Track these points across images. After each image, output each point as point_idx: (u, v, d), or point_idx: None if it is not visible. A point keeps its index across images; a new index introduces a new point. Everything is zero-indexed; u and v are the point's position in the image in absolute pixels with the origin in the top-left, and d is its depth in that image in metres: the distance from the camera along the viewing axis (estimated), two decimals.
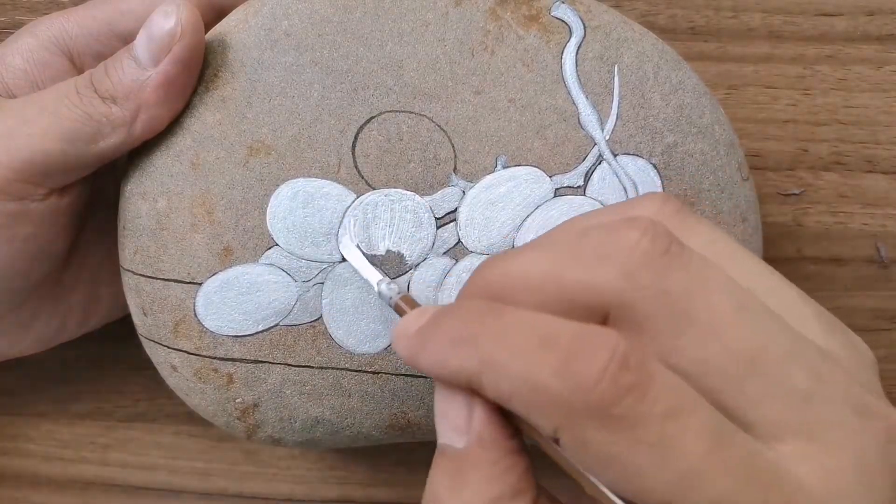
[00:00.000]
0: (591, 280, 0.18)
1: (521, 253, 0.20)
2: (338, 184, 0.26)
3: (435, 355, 0.19)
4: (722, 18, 0.36)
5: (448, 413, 0.20)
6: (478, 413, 0.19)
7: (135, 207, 0.27)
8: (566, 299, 0.19)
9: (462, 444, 0.19)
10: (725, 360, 0.17)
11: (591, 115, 0.27)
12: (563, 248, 0.20)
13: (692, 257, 0.18)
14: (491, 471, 0.19)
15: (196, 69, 0.26)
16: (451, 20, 0.27)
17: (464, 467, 0.19)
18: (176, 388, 0.28)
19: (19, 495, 0.36)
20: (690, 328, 0.18)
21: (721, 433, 0.17)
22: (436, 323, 0.20)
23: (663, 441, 0.16)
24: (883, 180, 0.36)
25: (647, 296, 0.18)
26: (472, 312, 0.19)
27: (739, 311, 0.18)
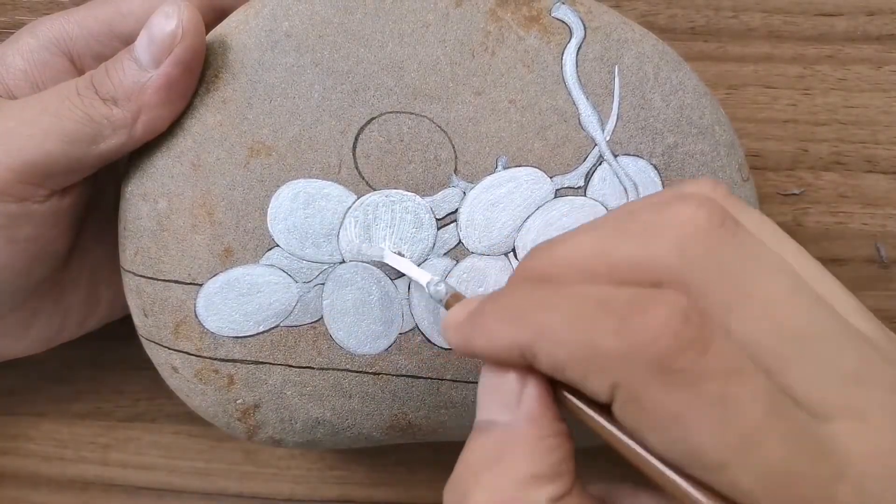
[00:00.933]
0: (643, 254, 0.18)
1: (567, 236, 0.20)
2: (338, 185, 0.26)
3: (488, 334, 0.19)
4: (722, 18, 0.36)
5: (497, 388, 0.19)
6: (530, 389, 0.19)
7: (135, 208, 0.27)
8: (617, 277, 0.18)
9: (508, 419, 0.19)
10: (778, 338, 0.17)
11: (592, 116, 0.27)
12: (610, 227, 0.19)
13: (746, 234, 0.18)
14: (535, 448, 0.18)
15: (197, 70, 0.26)
16: (452, 21, 0.27)
17: (507, 442, 0.19)
18: (177, 389, 0.28)
19: (19, 495, 0.36)
20: (745, 304, 0.17)
21: (777, 401, 0.16)
22: (487, 304, 0.20)
23: (724, 399, 0.16)
24: (883, 180, 0.36)
25: (701, 269, 0.17)
26: (522, 290, 0.19)
27: (792, 291, 0.18)
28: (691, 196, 0.19)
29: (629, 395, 0.17)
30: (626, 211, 0.20)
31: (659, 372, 0.16)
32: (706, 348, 0.16)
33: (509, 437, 0.19)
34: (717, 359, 0.16)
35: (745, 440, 0.16)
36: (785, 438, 0.16)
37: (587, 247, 0.19)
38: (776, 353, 0.17)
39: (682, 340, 0.16)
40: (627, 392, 0.17)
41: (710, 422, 0.16)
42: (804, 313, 0.17)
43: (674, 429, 0.16)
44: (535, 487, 0.18)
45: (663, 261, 0.18)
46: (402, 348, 0.27)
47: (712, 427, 0.16)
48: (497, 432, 0.19)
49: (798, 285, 0.18)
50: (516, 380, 0.19)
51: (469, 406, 0.27)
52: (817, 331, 0.17)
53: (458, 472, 0.19)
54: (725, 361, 0.16)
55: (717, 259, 0.18)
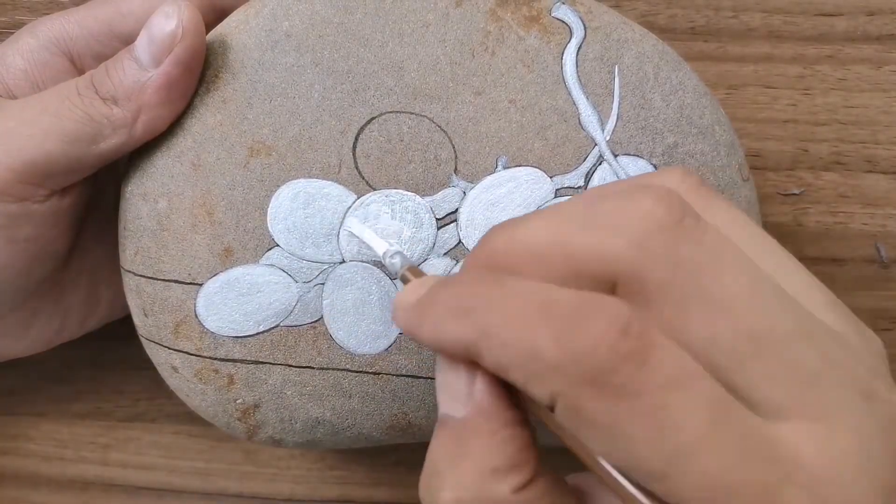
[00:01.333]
0: (599, 247, 0.18)
1: (528, 219, 0.19)
2: (338, 184, 0.26)
3: (433, 326, 0.19)
4: (722, 18, 0.36)
5: (449, 383, 0.19)
6: (479, 383, 0.19)
7: (135, 208, 0.27)
8: (572, 268, 0.18)
9: (462, 414, 0.19)
10: (734, 337, 0.17)
11: (592, 116, 0.27)
12: (571, 215, 0.19)
13: (707, 230, 0.18)
14: (490, 441, 0.18)
15: (197, 70, 0.26)
16: (452, 21, 0.27)
17: (463, 437, 0.19)
18: (176, 389, 0.28)
19: (19, 495, 0.36)
20: (700, 303, 0.17)
21: (721, 407, 0.16)
22: (435, 294, 0.19)
23: (660, 411, 0.16)
24: (883, 180, 0.36)
25: (658, 266, 0.17)
26: (470, 282, 0.19)
27: (751, 289, 0.17)
28: (653, 189, 0.18)
29: (568, 405, 0.17)
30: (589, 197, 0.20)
31: (595, 385, 0.16)
32: (644, 361, 0.16)
33: (463, 432, 0.19)
34: (656, 370, 0.16)
35: (683, 450, 0.16)
36: (729, 445, 0.16)
37: (546, 233, 0.19)
38: (731, 353, 0.17)
39: (620, 354, 0.16)
40: (566, 402, 0.17)
41: (648, 433, 0.16)
42: (761, 311, 0.17)
43: (612, 439, 0.16)
44: (496, 480, 0.18)
45: (619, 255, 0.18)
46: (402, 348, 0.27)
47: (650, 439, 0.16)
48: (454, 427, 0.19)
49: (758, 283, 0.18)
50: (465, 374, 0.19)
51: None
52: (775, 329, 0.17)
53: (425, 469, 0.19)
54: (664, 372, 0.16)
55: (673, 256, 0.17)
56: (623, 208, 0.18)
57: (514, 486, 0.18)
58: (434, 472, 0.19)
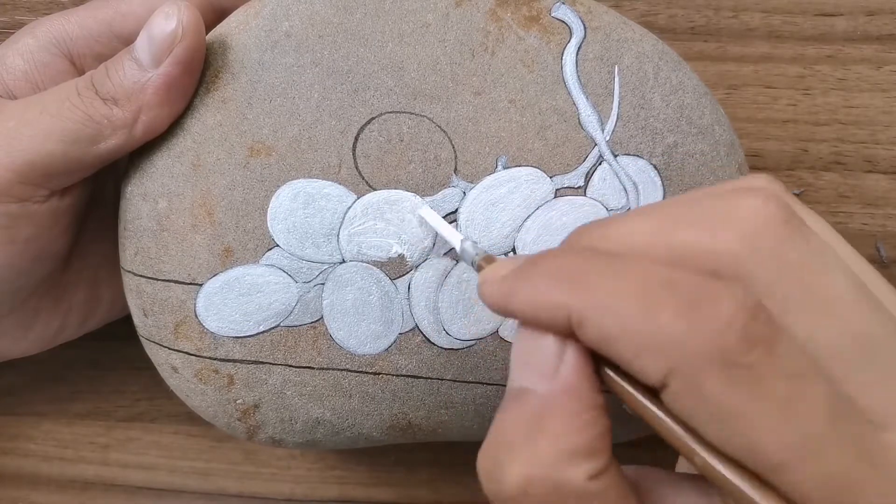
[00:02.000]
0: (706, 242, 0.17)
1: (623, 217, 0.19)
2: (338, 184, 0.26)
3: (533, 291, 0.18)
4: (722, 18, 0.36)
5: (533, 354, 0.18)
6: (569, 358, 0.18)
7: (135, 208, 0.27)
8: (675, 261, 0.17)
9: (544, 389, 0.18)
10: (842, 341, 0.17)
11: (592, 116, 0.27)
12: (670, 211, 0.19)
13: (811, 233, 0.18)
14: (572, 422, 0.17)
15: (197, 70, 0.26)
16: (452, 21, 0.27)
17: (542, 412, 0.18)
18: (176, 389, 0.28)
19: (19, 495, 0.36)
20: (809, 304, 0.17)
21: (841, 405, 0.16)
22: (535, 262, 0.19)
23: (789, 400, 0.16)
24: (883, 180, 0.36)
25: (767, 263, 0.17)
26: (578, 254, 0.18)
27: (857, 294, 0.17)
28: (758, 189, 0.18)
29: (686, 384, 0.16)
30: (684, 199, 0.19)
31: (723, 364, 0.16)
32: (773, 347, 0.16)
33: (546, 407, 0.18)
34: (784, 359, 0.16)
35: (808, 443, 0.16)
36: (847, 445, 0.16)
37: (647, 227, 0.18)
38: (839, 357, 0.17)
39: (750, 336, 0.16)
40: (684, 380, 0.16)
41: (774, 421, 0.16)
42: (867, 317, 0.17)
43: (734, 424, 0.16)
44: (573, 463, 0.17)
45: (727, 249, 0.17)
46: (402, 348, 0.27)
47: (775, 427, 0.16)
48: (533, 401, 0.18)
49: (861, 288, 0.17)
50: (555, 346, 0.18)
51: (469, 406, 0.27)
52: (880, 335, 0.17)
53: (492, 439, 0.18)
54: (792, 363, 0.16)
55: (783, 255, 0.17)
56: (731, 205, 0.18)
57: (590, 472, 0.17)
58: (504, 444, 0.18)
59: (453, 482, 0.35)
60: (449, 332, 0.27)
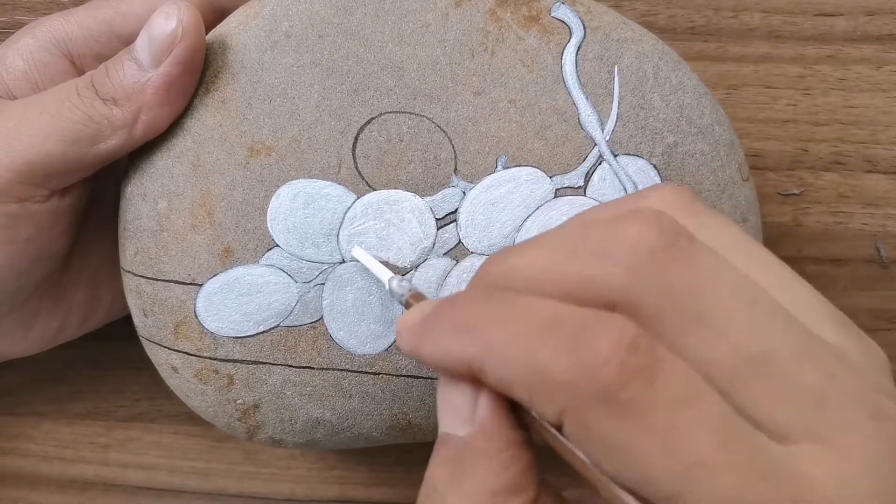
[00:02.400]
0: (594, 275, 0.18)
1: (522, 248, 0.19)
2: (338, 185, 0.26)
3: (436, 344, 0.19)
4: (722, 18, 0.36)
5: (452, 401, 0.19)
6: (483, 401, 0.18)
7: (135, 209, 0.27)
8: (569, 295, 0.18)
9: (464, 433, 0.19)
10: (734, 359, 0.17)
11: (592, 116, 0.27)
12: (565, 242, 0.19)
13: (701, 251, 0.18)
14: (492, 462, 0.18)
15: (197, 71, 0.26)
16: (452, 21, 0.27)
17: (465, 456, 0.18)
18: (176, 390, 0.28)
19: (19, 495, 0.36)
20: (698, 326, 0.17)
21: (731, 426, 0.16)
22: (437, 313, 0.19)
23: (672, 430, 0.16)
24: (883, 180, 0.36)
25: (651, 292, 0.17)
26: (473, 300, 0.19)
27: (749, 309, 0.17)
28: (642, 213, 0.18)
29: (577, 423, 0.16)
30: (578, 224, 0.19)
31: (605, 402, 0.16)
32: (654, 377, 0.16)
33: (465, 452, 0.18)
34: (666, 387, 0.16)
35: (696, 470, 0.15)
36: (739, 466, 0.16)
37: (541, 262, 0.19)
38: (733, 376, 0.17)
39: (629, 370, 0.16)
40: (575, 419, 0.16)
41: (660, 452, 0.16)
42: (761, 332, 0.17)
43: (623, 458, 0.16)
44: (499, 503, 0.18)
45: (614, 281, 0.17)
46: None
47: (662, 457, 0.16)
48: (455, 446, 0.19)
49: (755, 301, 0.17)
50: (469, 392, 0.19)
51: None
52: (776, 350, 0.17)
53: (424, 488, 0.19)
54: (675, 389, 0.16)
55: (668, 280, 0.17)
56: (613, 234, 0.18)
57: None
58: (433, 491, 0.19)
59: None
60: None
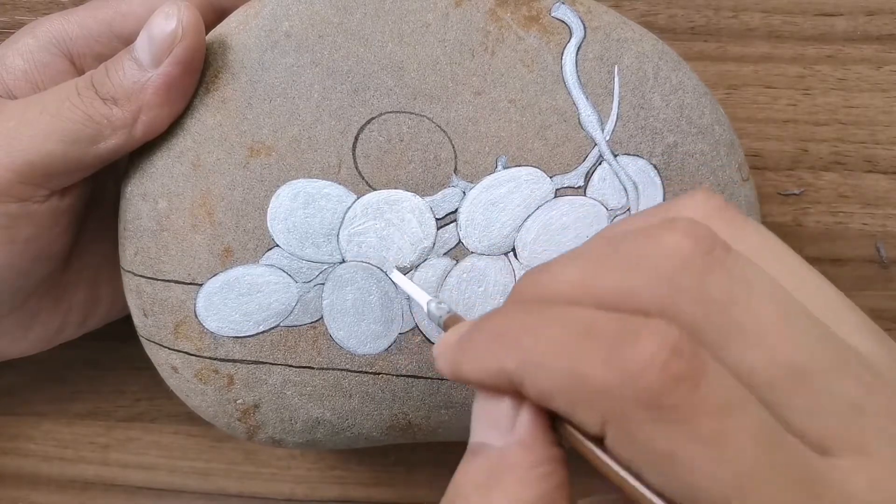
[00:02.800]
0: (628, 286, 0.17)
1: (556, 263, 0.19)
2: (338, 184, 0.26)
3: (475, 362, 0.18)
4: (722, 18, 0.36)
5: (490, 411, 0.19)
6: (524, 414, 0.18)
7: (135, 208, 0.27)
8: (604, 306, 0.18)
9: (501, 444, 0.18)
10: (772, 370, 0.16)
11: (592, 116, 0.27)
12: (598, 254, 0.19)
13: (737, 260, 0.17)
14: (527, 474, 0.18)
15: (197, 70, 0.26)
16: (452, 21, 0.27)
17: (499, 467, 0.18)
18: (176, 390, 0.28)
19: (19, 495, 0.36)
20: (735, 336, 0.17)
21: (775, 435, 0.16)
22: (475, 329, 0.19)
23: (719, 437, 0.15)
24: (883, 180, 0.36)
25: (689, 301, 0.17)
26: (508, 314, 0.19)
27: (786, 320, 0.17)
28: (677, 223, 0.18)
29: (620, 432, 0.16)
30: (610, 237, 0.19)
31: (649, 408, 0.15)
32: (698, 383, 0.16)
33: (501, 462, 0.18)
34: (711, 393, 0.16)
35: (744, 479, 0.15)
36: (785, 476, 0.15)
37: (572, 277, 0.18)
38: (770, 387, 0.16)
39: (673, 374, 0.15)
40: (618, 428, 0.16)
41: (706, 460, 0.15)
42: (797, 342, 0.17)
43: (669, 467, 0.16)
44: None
45: (649, 292, 0.17)
46: (402, 348, 0.27)
47: (709, 466, 0.15)
48: (489, 456, 0.18)
49: (791, 312, 0.17)
50: (510, 404, 0.18)
51: (469, 406, 0.27)
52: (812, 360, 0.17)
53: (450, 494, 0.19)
54: (719, 396, 0.16)
55: (704, 289, 0.17)
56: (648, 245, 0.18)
57: None
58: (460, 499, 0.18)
59: None
60: None
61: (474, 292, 0.27)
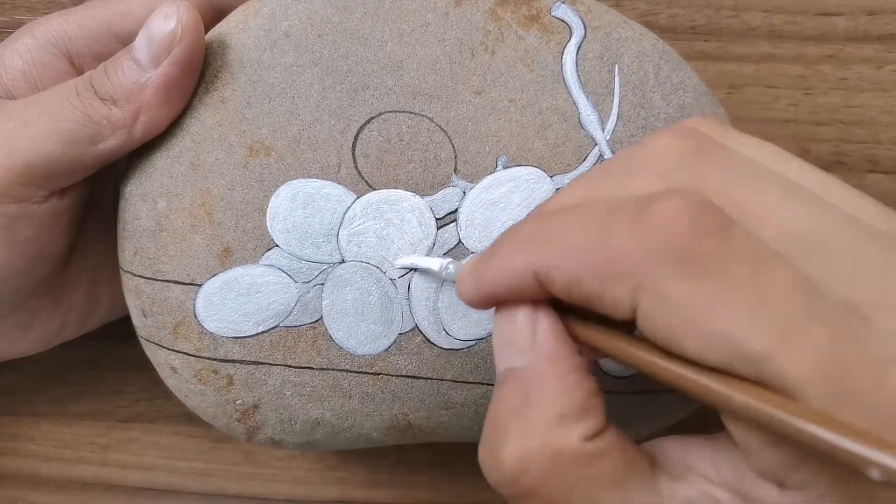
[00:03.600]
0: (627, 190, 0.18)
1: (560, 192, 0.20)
2: (338, 184, 0.26)
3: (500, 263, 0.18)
4: (723, 18, 0.36)
5: (509, 334, 0.19)
6: (542, 327, 0.18)
7: (134, 209, 0.27)
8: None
9: (526, 362, 0.18)
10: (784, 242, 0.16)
11: (592, 116, 0.27)
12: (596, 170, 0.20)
13: (731, 153, 0.18)
14: (557, 385, 0.17)
15: (196, 70, 0.26)
16: (452, 20, 0.26)
17: (530, 385, 0.18)
18: (176, 390, 0.28)
19: (19, 495, 0.36)
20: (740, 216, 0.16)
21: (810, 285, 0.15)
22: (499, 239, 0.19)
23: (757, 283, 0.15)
24: (884, 180, 0.36)
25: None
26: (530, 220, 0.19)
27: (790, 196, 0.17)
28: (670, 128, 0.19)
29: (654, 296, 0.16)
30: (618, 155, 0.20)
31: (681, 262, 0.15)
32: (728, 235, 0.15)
33: (530, 379, 0.18)
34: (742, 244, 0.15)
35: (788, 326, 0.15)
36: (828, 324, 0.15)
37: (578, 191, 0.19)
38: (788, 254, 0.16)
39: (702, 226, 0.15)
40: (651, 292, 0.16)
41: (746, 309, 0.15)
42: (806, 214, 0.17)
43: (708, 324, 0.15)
44: (564, 427, 0.17)
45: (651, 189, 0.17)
46: (401, 348, 0.27)
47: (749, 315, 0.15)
48: (517, 378, 0.18)
49: (790, 191, 0.17)
50: (527, 318, 0.18)
51: (469, 407, 0.27)
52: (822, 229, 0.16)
53: (487, 427, 0.18)
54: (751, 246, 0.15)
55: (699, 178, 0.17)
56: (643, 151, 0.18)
57: (584, 433, 0.17)
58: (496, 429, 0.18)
59: (453, 483, 0.35)
60: (449, 332, 0.27)
61: None
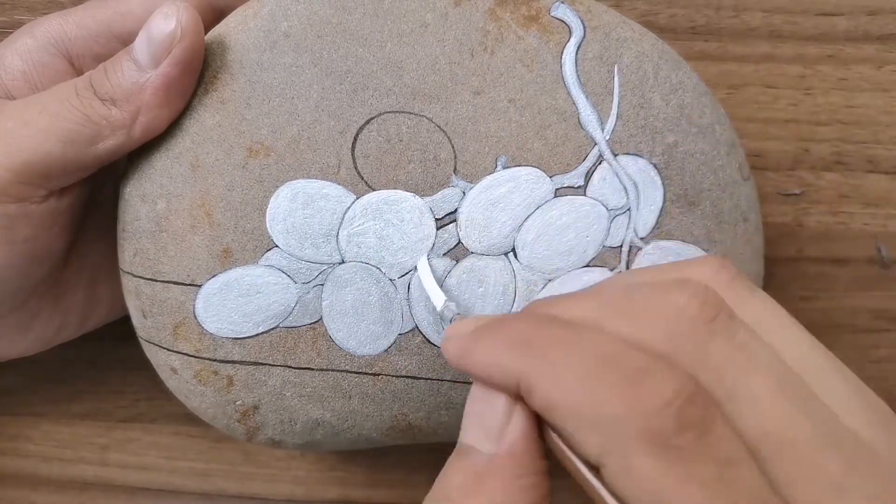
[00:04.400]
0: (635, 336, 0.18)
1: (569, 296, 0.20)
2: (338, 185, 0.26)
3: (487, 355, 0.19)
4: (722, 18, 0.36)
5: (482, 415, 0.19)
6: (516, 421, 0.18)
7: (134, 209, 0.27)
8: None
9: (489, 450, 0.19)
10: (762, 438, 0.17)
11: (592, 116, 0.27)
12: (609, 299, 0.19)
13: (739, 329, 0.18)
14: (512, 484, 0.18)
15: (196, 71, 0.26)
16: (451, 21, 0.26)
17: (485, 473, 0.18)
18: (175, 391, 0.28)
19: (19, 495, 0.36)
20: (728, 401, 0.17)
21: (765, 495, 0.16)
22: (495, 324, 0.19)
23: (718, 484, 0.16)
24: (884, 180, 0.36)
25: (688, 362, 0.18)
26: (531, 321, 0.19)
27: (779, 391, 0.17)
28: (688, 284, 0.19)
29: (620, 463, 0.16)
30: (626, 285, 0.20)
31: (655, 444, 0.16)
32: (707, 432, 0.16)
33: (487, 468, 0.18)
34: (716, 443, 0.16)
35: None
36: None
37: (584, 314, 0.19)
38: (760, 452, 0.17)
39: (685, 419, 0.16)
40: (618, 459, 0.16)
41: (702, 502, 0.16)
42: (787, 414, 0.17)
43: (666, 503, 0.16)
44: None
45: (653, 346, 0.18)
46: (401, 349, 0.27)
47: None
48: (476, 461, 0.19)
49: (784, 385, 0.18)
50: (504, 408, 0.19)
51: None
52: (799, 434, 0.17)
53: (435, 492, 0.19)
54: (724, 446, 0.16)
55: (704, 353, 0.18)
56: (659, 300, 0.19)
57: None
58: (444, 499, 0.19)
59: None
60: None
61: (474, 292, 0.27)
